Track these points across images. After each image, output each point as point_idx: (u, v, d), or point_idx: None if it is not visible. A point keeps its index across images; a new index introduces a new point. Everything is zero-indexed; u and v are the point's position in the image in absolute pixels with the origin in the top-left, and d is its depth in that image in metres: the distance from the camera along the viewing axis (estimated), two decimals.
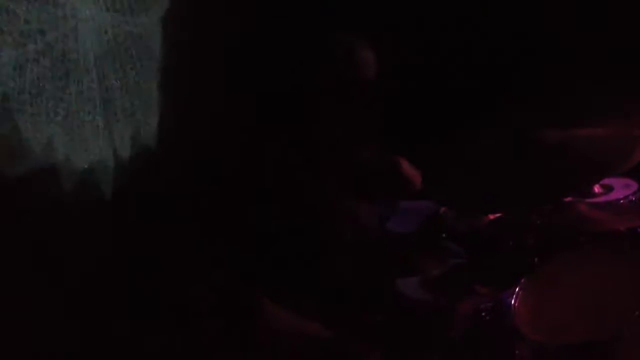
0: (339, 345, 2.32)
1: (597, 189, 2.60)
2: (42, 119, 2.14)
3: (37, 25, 2.10)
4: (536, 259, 2.33)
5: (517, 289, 2.22)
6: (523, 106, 2.51)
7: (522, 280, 2.24)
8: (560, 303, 2.18)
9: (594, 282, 2.18)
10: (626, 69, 2.78)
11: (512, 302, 2.19)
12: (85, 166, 2.26)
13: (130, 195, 2.33)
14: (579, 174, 2.32)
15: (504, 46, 2.86)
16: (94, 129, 2.29)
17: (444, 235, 2.62)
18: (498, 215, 2.58)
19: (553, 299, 2.20)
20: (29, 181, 2.11)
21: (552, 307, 2.18)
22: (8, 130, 2.09)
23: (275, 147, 2.61)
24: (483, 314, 2.25)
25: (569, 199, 2.51)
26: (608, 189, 2.62)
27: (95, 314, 2.30)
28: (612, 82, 2.67)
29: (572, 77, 2.81)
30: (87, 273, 2.26)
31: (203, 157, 2.56)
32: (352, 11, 2.77)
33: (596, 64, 2.80)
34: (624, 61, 2.81)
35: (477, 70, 2.87)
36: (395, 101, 2.79)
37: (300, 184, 2.62)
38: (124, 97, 2.36)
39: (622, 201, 2.56)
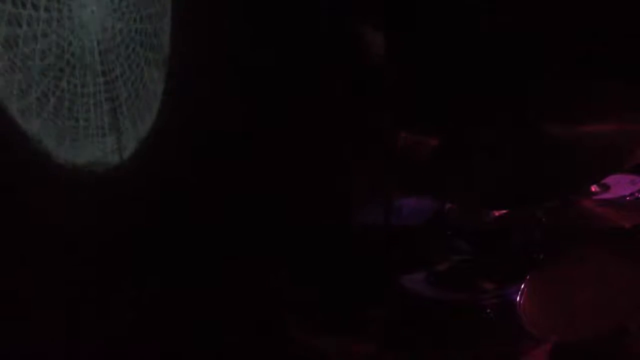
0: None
1: (598, 185, 2.60)
2: (46, 116, 2.15)
3: (42, 26, 2.10)
4: (542, 256, 2.33)
5: (522, 286, 2.22)
6: (529, 102, 2.50)
7: (528, 277, 2.24)
8: (565, 300, 2.18)
9: (599, 279, 2.18)
10: (632, 63, 2.77)
11: (517, 298, 2.20)
12: (90, 164, 2.26)
13: (135, 195, 2.32)
14: (585, 170, 2.32)
15: (508, 43, 2.85)
16: (100, 128, 2.29)
17: (449, 231, 2.63)
18: (503, 211, 2.58)
19: (558, 295, 2.20)
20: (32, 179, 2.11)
21: (557, 303, 2.18)
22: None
23: (281, 141, 2.61)
24: (488, 310, 2.26)
25: (574, 195, 2.51)
26: (612, 185, 2.62)
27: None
28: (619, 77, 2.67)
29: (579, 73, 2.80)
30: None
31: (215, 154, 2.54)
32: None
33: (602, 58, 2.79)
34: (629, 56, 2.80)
35: (481, 67, 2.87)
36: (399, 98, 2.79)
37: (306, 176, 2.63)
38: (131, 94, 2.36)
39: (628, 198, 2.56)
